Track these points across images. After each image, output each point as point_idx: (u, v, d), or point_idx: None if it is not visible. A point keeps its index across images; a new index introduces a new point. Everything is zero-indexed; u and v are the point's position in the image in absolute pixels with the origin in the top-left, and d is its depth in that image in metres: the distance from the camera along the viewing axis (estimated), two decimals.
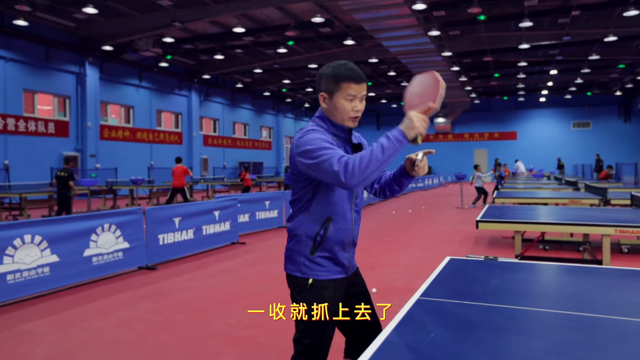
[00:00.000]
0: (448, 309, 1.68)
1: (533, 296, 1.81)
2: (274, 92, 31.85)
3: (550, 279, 2.10)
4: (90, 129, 20.17)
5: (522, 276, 2.14)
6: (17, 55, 17.58)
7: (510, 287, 1.95)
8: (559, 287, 1.98)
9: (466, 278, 2.16)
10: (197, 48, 20.91)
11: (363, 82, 1.95)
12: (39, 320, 4.35)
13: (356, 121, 1.99)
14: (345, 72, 1.93)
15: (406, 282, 5.49)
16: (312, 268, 2.01)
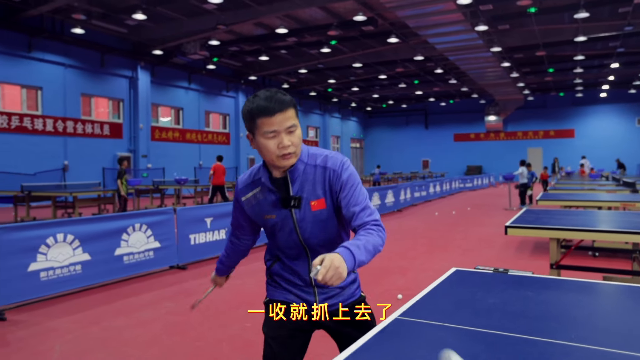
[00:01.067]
0: (424, 332, 1.52)
1: (534, 320, 1.61)
2: (320, 92, 31.87)
3: (565, 299, 1.87)
4: (142, 130, 20.93)
5: (529, 294, 1.92)
6: (75, 61, 18.50)
7: (508, 307, 1.75)
8: (573, 309, 1.75)
9: (462, 294, 1.97)
10: (243, 50, 21.22)
11: (281, 111, 1.60)
12: (65, 317, 4.48)
13: (290, 157, 1.66)
14: (257, 106, 1.61)
15: None
16: (269, 289, 1.98)
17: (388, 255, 7.39)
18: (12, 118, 16.54)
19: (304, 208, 1.75)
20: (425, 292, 1.98)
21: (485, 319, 1.61)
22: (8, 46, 16.36)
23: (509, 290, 1.98)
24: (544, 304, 1.78)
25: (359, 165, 40.37)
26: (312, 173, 1.75)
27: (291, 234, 1.79)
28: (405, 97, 36.07)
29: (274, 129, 1.61)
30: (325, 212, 1.76)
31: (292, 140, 1.65)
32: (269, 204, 1.78)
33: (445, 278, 2.24)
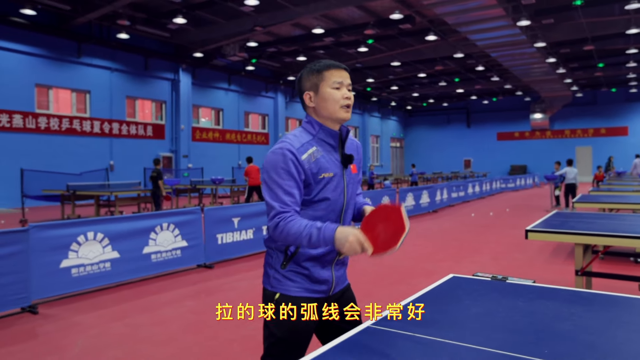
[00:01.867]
0: (394, 342, 1.48)
1: (511, 333, 1.53)
2: (359, 91, 31.72)
3: (555, 310, 1.77)
4: (183, 131, 21.50)
5: (519, 304, 1.84)
6: (120, 65, 19.22)
7: (489, 318, 1.68)
8: (558, 322, 1.65)
9: (448, 302, 1.91)
10: (281, 51, 21.41)
11: (345, 70, 1.89)
12: (91, 313, 4.67)
13: (349, 111, 1.87)
14: (325, 63, 1.88)
15: None
16: (282, 282, 1.87)
17: (414, 256, 7.28)
18: (63, 120, 17.37)
19: (348, 169, 1.93)
20: (411, 299, 1.94)
21: (460, 330, 1.56)
22: (59, 52, 17.19)
23: (499, 300, 1.91)
24: (530, 316, 1.70)
25: (398, 165, 39.93)
26: (349, 143, 2.00)
27: (340, 195, 1.88)
28: (446, 96, 35.39)
29: (341, 80, 1.86)
30: (357, 176, 2.00)
31: (351, 96, 1.89)
32: (327, 161, 1.85)
33: (438, 285, 2.19)
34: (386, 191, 11.68)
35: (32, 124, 16.42)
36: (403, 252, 7.66)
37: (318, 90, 1.86)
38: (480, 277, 2.25)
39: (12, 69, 15.98)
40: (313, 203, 1.84)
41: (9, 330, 4.25)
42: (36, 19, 15.85)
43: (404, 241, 1.67)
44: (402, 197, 11.97)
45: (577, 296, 1.94)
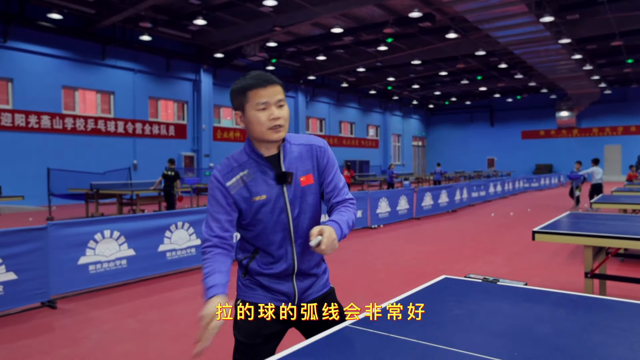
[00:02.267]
0: (369, 342, 1.51)
1: (486, 335, 1.55)
2: (380, 90, 31.62)
3: (538, 313, 1.77)
4: (205, 130, 21.81)
5: (503, 306, 1.85)
6: (143, 67, 19.61)
7: (468, 320, 1.68)
8: (538, 325, 1.66)
9: (433, 304, 1.92)
10: (301, 50, 21.50)
11: (272, 84, 1.72)
12: (106, 308, 4.81)
13: (279, 130, 1.73)
14: (249, 81, 1.72)
15: None
16: (242, 290, 1.90)
17: (427, 257, 7.25)
18: (88, 121, 17.82)
19: (294, 184, 1.79)
20: (396, 299, 1.97)
21: (435, 331, 1.58)
22: (85, 55, 17.63)
23: (483, 302, 1.92)
24: (510, 318, 1.71)
25: (420, 164, 39.65)
26: (297, 151, 1.83)
27: (281, 214, 1.79)
28: (469, 94, 34.96)
29: (265, 100, 1.70)
30: (313, 187, 1.83)
31: (282, 114, 1.73)
32: (258, 184, 1.78)
33: (427, 286, 2.20)
34: (404, 191, 11.64)
35: (59, 124, 16.90)
36: (418, 253, 7.64)
37: (244, 112, 1.75)
38: (471, 279, 2.26)
39: (40, 72, 16.47)
40: (251, 226, 1.83)
41: (29, 323, 4.42)
42: (62, 23, 16.29)
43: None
44: (420, 197, 11.91)
45: (565, 299, 1.93)
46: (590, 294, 1.98)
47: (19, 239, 4.74)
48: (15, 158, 15.57)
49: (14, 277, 4.67)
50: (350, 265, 6.80)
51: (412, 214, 11.67)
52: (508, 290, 2.05)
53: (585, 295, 1.97)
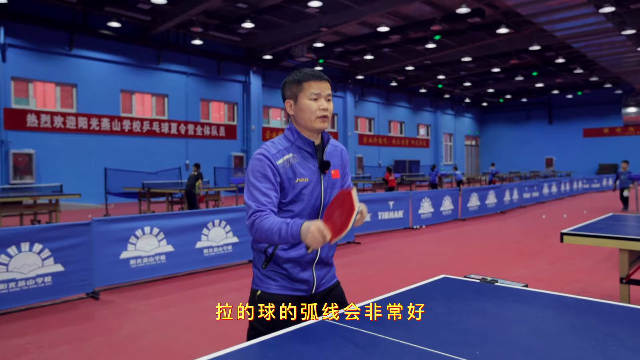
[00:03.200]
0: (351, 340, 1.53)
1: (461, 334, 1.52)
2: (431, 89, 31.06)
3: (531, 315, 1.73)
4: (254, 131, 22.27)
5: (489, 306, 1.81)
6: (195, 70, 20.30)
7: (448, 319, 1.64)
8: (521, 329, 1.61)
9: (418, 302, 1.91)
10: (348, 50, 21.51)
11: (324, 80, 1.95)
12: (143, 300, 5.06)
13: (325, 121, 1.93)
14: (305, 73, 1.95)
15: None
16: (263, 281, 1.97)
17: (467, 259, 7.09)
18: (144, 123, 18.67)
19: (328, 174, 2.00)
20: (385, 296, 1.97)
21: (407, 328, 1.57)
22: (141, 60, 18.49)
23: (469, 301, 1.88)
24: (489, 318, 1.68)
25: (474, 164, 38.58)
26: (332, 149, 2.07)
27: (317, 199, 1.95)
28: (525, 90, 33.60)
29: (318, 91, 1.92)
30: (338, 181, 2.05)
31: (329, 106, 1.95)
32: (302, 168, 1.93)
33: (423, 284, 2.19)
34: (448, 191, 11.40)
35: (117, 126, 17.81)
36: (456, 254, 7.49)
37: (297, 100, 1.94)
38: (470, 279, 2.22)
39: (100, 77, 17.44)
40: (290, 204, 1.92)
41: (72, 312, 4.72)
42: (121, 31, 17.16)
43: (354, 221, 1.69)
44: (465, 198, 11.63)
45: (558, 302, 1.86)
46: (620, 302, 1.90)
47: (66, 233, 5.07)
48: (78, 158, 16.56)
49: (62, 268, 5.00)
50: (382, 265, 6.77)
51: (457, 215, 11.42)
52: (502, 291, 2.00)
53: (584, 298, 1.89)
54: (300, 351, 1.41)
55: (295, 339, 1.52)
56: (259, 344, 1.49)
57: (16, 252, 4.69)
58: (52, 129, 16.15)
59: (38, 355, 3.69)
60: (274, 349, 1.44)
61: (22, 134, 15.46)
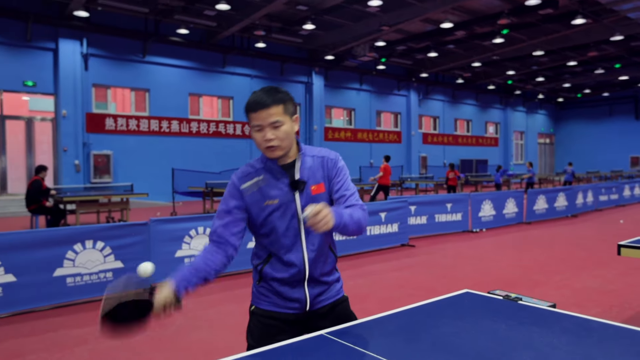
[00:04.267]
0: (329, 353, 1.53)
1: (459, 356, 1.47)
2: (500, 85, 29.80)
3: (542, 340, 1.62)
4: (316, 131, 22.47)
5: (501, 327, 1.71)
6: (259, 72, 20.81)
7: (452, 340, 1.57)
8: (525, 354, 1.51)
9: (431, 320, 1.85)
10: (411, 48, 21.14)
11: (265, 108, 1.78)
12: (194, 298, 5.25)
13: (274, 150, 1.82)
14: (248, 102, 1.84)
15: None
16: (257, 296, 2.00)
17: (526, 265, 6.75)
18: (210, 124, 19.41)
19: (305, 192, 1.89)
20: (397, 311, 1.93)
21: (405, 349, 1.54)
22: (208, 64, 19.24)
23: (481, 321, 1.80)
24: (492, 340, 1.60)
25: (548, 163, 36.55)
26: (311, 162, 1.93)
27: (292, 219, 1.87)
28: (606, 84, 31.35)
29: (258, 123, 1.80)
30: (323, 196, 1.92)
31: (276, 134, 1.80)
32: (271, 189, 1.87)
33: (443, 299, 2.12)
34: (512, 193, 10.90)
35: (185, 128, 18.66)
36: (517, 260, 7.15)
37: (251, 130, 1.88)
38: (493, 296, 2.12)
39: (170, 82, 18.34)
40: (264, 230, 1.92)
41: None
42: (189, 37, 17.95)
43: None
44: (532, 200, 11.07)
45: (582, 326, 1.73)
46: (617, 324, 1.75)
47: (125, 232, 5.40)
48: (149, 159, 17.53)
49: (121, 265, 5.34)
50: (434, 269, 6.60)
51: (521, 218, 10.90)
52: (522, 311, 1.89)
53: (612, 323, 1.75)
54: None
55: (275, 354, 1.54)
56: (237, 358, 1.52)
57: (81, 249, 5.06)
58: (128, 131, 17.20)
59: (94, 346, 3.96)
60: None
61: (102, 136, 16.60)
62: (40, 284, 4.78)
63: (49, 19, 14.92)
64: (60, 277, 4.91)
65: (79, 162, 15.71)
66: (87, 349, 3.89)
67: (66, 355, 3.77)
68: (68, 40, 15.53)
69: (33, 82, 15.11)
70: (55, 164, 15.75)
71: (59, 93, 15.45)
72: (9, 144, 15.04)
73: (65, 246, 4.95)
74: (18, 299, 4.67)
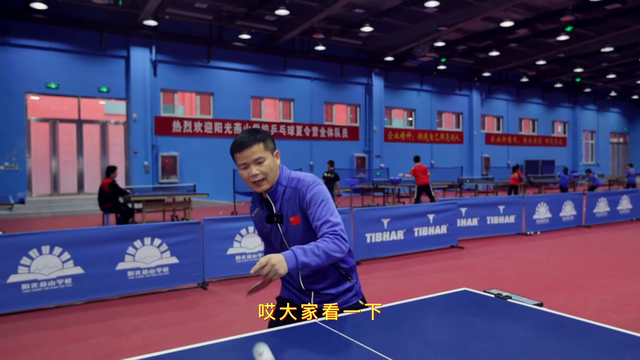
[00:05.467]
0: (324, 341, 1.77)
1: (435, 349, 1.67)
2: (568, 83, 28.40)
3: (526, 335, 1.74)
4: (376, 132, 22.56)
5: (479, 323, 1.89)
6: (319, 74, 21.22)
7: (424, 331, 1.79)
8: (485, 345, 1.67)
9: (416, 313, 2.05)
10: (472, 47, 20.71)
11: (248, 148, 2.01)
12: (241, 293, 5.65)
13: (261, 184, 2.06)
14: (232, 144, 2.06)
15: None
16: (281, 287, 2.40)
17: (575, 268, 6.60)
18: (272, 126, 20.05)
19: (286, 223, 2.12)
20: (394, 304, 2.14)
21: (386, 339, 1.75)
22: (269, 67, 19.89)
23: (463, 316, 1.97)
24: (467, 332, 1.77)
25: (621, 164, 34.32)
26: (289, 194, 2.11)
27: (282, 245, 2.17)
28: None
29: (243, 161, 2.04)
30: (301, 226, 2.11)
31: (261, 169, 2.04)
32: (262, 220, 2.20)
33: (439, 296, 2.29)
34: (570, 196, 10.52)
35: None
36: (566, 263, 7.00)
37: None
38: (487, 294, 2.27)
39: (233, 85, 19.15)
40: (267, 246, 2.35)
41: (182, 299, 5.49)
42: (251, 42, 18.67)
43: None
44: (591, 203, 10.63)
45: (563, 325, 1.86)
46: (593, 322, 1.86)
47: (181, 230, 5.89)
48: (213, 160, 18.40)
49: (177, 261, 5.83)
50: (478, 272, 6.61)
51: (580, 221, 10.50)
52: (508, 308, 2.04)
53: (599, 325, 1.86)
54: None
55: (266, 337, 1.80)
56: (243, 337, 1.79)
57: (141, 245, 5.59)
58: (193, 133, 18.17)
59: (148, 334, 4.42)
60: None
61: (169, 138, 17.65)
62: (105, 276, 5.35)
63: (122, 28, 16.10)
64: (121, 270, 5.46)
65: (148, 163, 16.83)
66: (142, 337, 4.35)
67: (123, 341, 4.24)
68: (138, 48, 16.68)
69: (107, 88, 16.37)
70: (127, 165, 16.97)
71: (130, 98, 16.62)
72: (85, 146, 16.38)
73: (127, 242, 5.49)
74: (85, 289, 5.25)
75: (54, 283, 5.09)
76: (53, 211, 14.32)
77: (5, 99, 14.73)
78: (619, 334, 1.73)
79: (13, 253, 4.90)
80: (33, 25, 14.87)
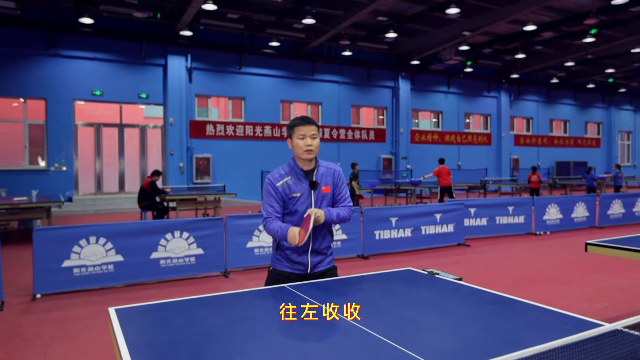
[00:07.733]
0: (288, 299, 2.46)
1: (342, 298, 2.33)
2: (601, 83, 27.99)
3: (424, 297, 2.38)
4: (403, 134, 23.02)
5: (400, 289, 2.52)
6: (346, 78, 21.87)
7: (376, 298, 2.46)
8: (389, 300, 2.31)
9: (374, 285, 2.71)
10: (498, 50, 20.90)
11: (309, 124, 2.80)
12: (260, 281, 6.40)
13: (310, 153, 2.78)
14: (296, 120, 2.84)
15: (598, 311, 5.10)
16: (274, 260, 3.02)
17: (569, 266, 7.02)
18: None
19: (318, 190, 2.89)
20: (350, 277, 2.81)
21: (335, 300, 2.43)
22: (298, 72, 20.69)
23: (395, 286, 2.62)
24: (387, 295, 2.42)
25: None
26: (323, 171, 2.93)
27: (308, 206, 2.85)
28: None
29: (304, 133, 2.80)
30: (328, 195, 2.92)
31: (314, 143, 2.82)
32: (297, 186, 2.85)
33: (386, 273, 2.95)
34: (582, 197, 10.79)
35: (277, 133, 20.26)
36: (564, 261, 7.41)
37: (292, 138, 2.84)
38: (423, 272, 2.91)
39: (263, 90, 20.05)
40: (290, 213, 2.91)
41: (205, 285, 6.29)
42: (280, 48, 19.51)
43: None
44: (605, 204, 10.88)
45: (473, 294, 2.49)
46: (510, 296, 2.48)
47: (206, 225, 6.70)
48: (244, 161, 19.35)
49: (202, 252, 6.64)
50: (475, 267, 7.13)
51: (593, 222, 10.77)
52: (431, 281, 2.68)
53: (501, 295, 2.48)
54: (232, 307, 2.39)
55: (243, 295, 2.50)
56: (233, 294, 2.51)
57: (171, 238, 6.43)
58: (225, 136, 19.16)
59: None
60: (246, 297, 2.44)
61: (203, 141, 18.70)
62: (141, 264, 6.21)
63: (160, 38, 17.24)
64: (155, 259, 6.32)
65: (183, 165, 17.91)
66: None
67: None
68: (175, 57, 17.79)
69: (146, 94, 17.55)
70: (163, 166, 18.11)
71: (167, 103, 17.75)
72: (126, 149, 17.61)
73: (159, 235, 6.34)
74: (124, 274, 6.13)
75: (99, 268, 5.99)
76: (97, 209, 15.55)
77: (55, 106, 16.09)
78: (518, 303, 2.35)
79: (67, 242, 5.82)
80: (80, 38, 16.17)
